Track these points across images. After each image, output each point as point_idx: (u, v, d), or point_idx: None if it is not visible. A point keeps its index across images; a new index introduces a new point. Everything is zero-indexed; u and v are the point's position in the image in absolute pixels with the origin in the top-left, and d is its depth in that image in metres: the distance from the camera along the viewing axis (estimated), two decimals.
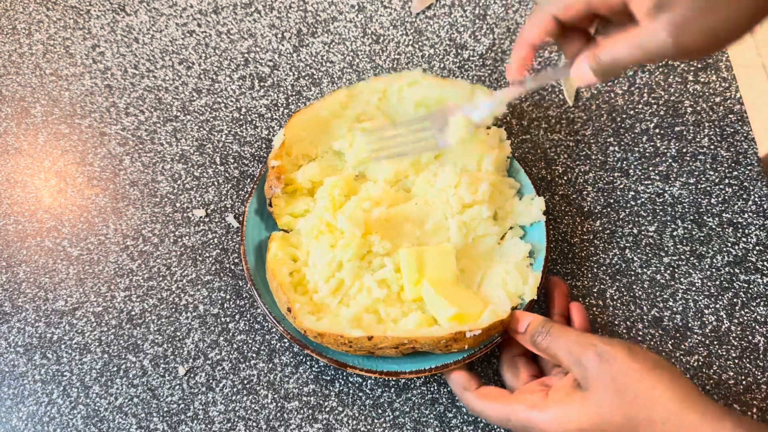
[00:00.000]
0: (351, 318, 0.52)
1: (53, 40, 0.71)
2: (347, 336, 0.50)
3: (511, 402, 0.48)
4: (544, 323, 0.50)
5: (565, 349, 0.47)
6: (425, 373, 0.52)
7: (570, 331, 0.48)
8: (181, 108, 0.68)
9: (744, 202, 0.63)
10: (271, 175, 0.57)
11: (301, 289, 0.55)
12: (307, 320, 0.51)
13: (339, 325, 0.51)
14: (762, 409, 0.56)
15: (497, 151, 0.59)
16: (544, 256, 0.56)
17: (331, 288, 0.54)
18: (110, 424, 0.55)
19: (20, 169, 0.65)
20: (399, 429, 0.55)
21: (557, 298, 0.56)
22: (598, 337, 0.46)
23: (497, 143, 0.60)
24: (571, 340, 0.47)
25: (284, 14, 0.73)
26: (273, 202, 0.57)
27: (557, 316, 0.56)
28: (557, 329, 0.49)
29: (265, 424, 0.55)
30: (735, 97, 0.67)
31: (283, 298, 0.52)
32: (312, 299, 0.54)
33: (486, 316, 0.51)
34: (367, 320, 0.52)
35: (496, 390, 0.50)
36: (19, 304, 0.60)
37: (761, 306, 0.59)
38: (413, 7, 0.73)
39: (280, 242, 0.56)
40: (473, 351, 0.52)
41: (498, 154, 0.59)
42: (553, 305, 0.56)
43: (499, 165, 0.60)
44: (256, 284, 0.55)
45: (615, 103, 0.68)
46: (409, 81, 0.60)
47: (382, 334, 0.50)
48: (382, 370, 0.52)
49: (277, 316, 0.54)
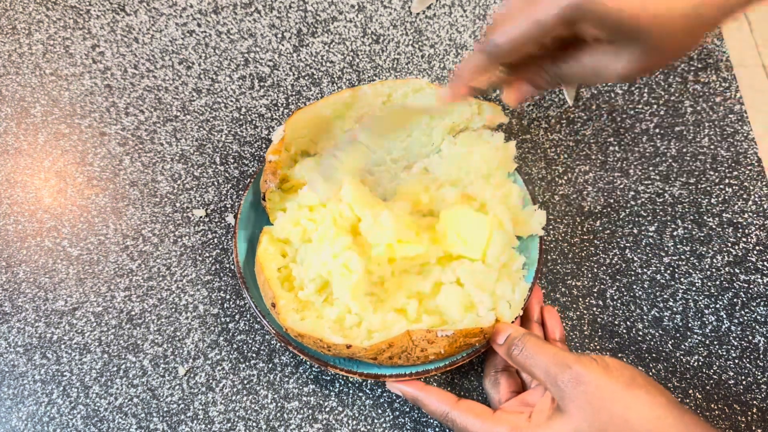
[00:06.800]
0: (334, 318, 0.52)
1: (53, 40, 0.71)
2: (327, 341, 0.49)
3: (495, 423, 0.47)
4: (521, 336, 0.49)
5: (541, 368, 0.46)
6: (406, 377, 0.51)
7: (546, 347, 0.47)
8: (181, 108, 0.68)
9: (744, 202, 0.63)
10: (268, 170, 0.56)
11: (288, 285, 0.54)
12: (290, 318, 0.51)
13: (320, 328, 0.50)
14: (762, 409, 0.56)
15: (502, 152, 0.58)
16: (535, 271, 0.55)
17: (317, 286, 0.53)
18: (110, 424, 0.55)
19: (20, 169, 0.65)
20: (399, 429, 0.55)
21: (532, 305, 0.56)
22: (574, 355, 0.45)
23: (502, 144, 0.59)
24: (548, 359, 0.46)
25: (284, 14, 0.73)
26: (267, 197, 0.56)
27: (533, 323, 0.55)
28: (532, 344, 0.48)
29: (265, 424, 0.55)
30: (735, 97, 0.67)
31: (269, 293, 0.52)
32: (297, 296, 0.53)
33: (466, 321, 0.51)
34: (349, 322, 0.52)
35: (479, 406, 0.49)
36: (19, 304, 0.60)
37: (761, 306, 0.59)
38: (413, 7, 0.73)
39: (271, 237, 0.55)
40: (454, 359, 0.51)
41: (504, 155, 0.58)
42: (530, 312, 0.56)
43: (506, 165, 0.59)
44: (245, 278, 0.55)
45: (615, 103, 0.68)
46: (414, 87, 0.60)
47: (360, 345, 0.49)
48: (362, 372, 0.52)
49: (263, 311, 0.54)
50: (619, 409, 0.42)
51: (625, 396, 0.42)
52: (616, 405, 0.42)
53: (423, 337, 0.49)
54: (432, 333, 0.49)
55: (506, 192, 0.57)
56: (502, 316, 0.52)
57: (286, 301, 0.52)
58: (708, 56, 0.69)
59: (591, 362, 0.44)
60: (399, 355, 0.49)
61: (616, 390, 0.43)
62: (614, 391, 0.43)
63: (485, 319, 0.51)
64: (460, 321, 0.52)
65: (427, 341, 0.49)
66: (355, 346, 0.49)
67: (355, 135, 0.55)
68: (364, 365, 0.52)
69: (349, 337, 0.50)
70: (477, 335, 0.50)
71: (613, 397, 0.42)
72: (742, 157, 0.65)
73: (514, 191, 0.58)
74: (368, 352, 0.49)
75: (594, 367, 0.44)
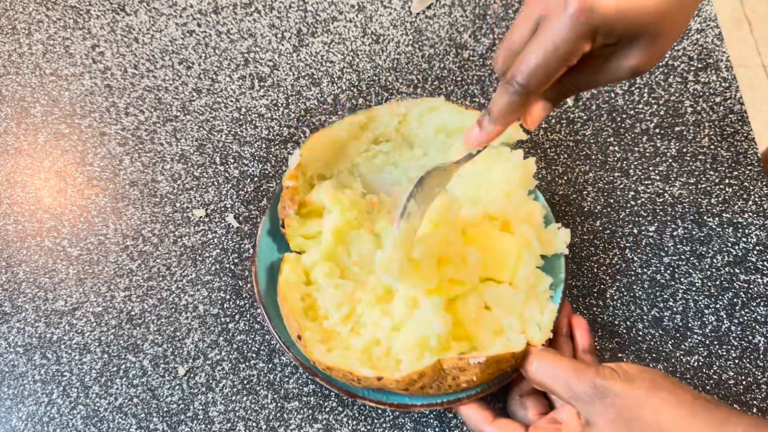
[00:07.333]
0: (361, 348, 0.51)
1: (53, 40, 0.71)
2: (357, 373, 0.48)
3: None
4: (537, 353, 0.48)
5: (562, 385, 0.45)
6: (437, 406, 0.50)
7: (563, 363, 0.47)
8: (181, 108, 0.68)
9: (744, 202, 0.63)
10: (285, 196, 0.55)
11: (312, 314, 0.53)
12: (317, 351, 0.50)
13: (348, 360, 0.49)
14: (762, 410, 0.56)
15: (522, 170, 0.57)
16: (562, 290, 0.54)
17: (342, 315, 0.52)
18: (110, 424, 0.55)
19: (20, 169, 0.65)
20: (399, 429, 0.55)
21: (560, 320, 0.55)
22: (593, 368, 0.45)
23: (521, 161, 0.58)
24: (567, 375, 0.45)
25: (284, 14, 0.73)
26: (286, 223, 0.55)
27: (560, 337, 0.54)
28: (549, 361, 0.47)
29: (265, 424, 0.55)
30: (735, 97, 0.67)
31: (293, 324, 0.51)
32: (322, 325, 0.52)
33: (497, 346, 0.49)
34: (377, 353, 0.51)
35: (512, 424, 0.49)
36: (19, 304, 0.60)
37: (761, 306, 0.59)
38: (413, 7, 0.73)
39: (293, 265, 0.54)
40: (486, 385, 0.50)
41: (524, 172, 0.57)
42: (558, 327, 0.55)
43: (526, 183, 0.58)
44: (267, 307, 0.54)
45: (615, 103, 0.68)
46: (430, 106, 0.59)
47: (392, 377, 0.47)
48: (393, 402, 0.51)
49: (287, 342, 0.53)
50: (649, 415, 0.42)
51: (652, 401, 0.42)
52: (645, 412, 0.42)
53: (455, 365, 0.47)
54: (464, 360, 0.47)
55: (529, 211, 0.56)
56: (533, 339, 0.51)
57: (312, 333, 0.51)
58: (708, 56, 0.69)
59: (611, 373, 0.44)
60: (431, 385, 0.48)
61: (641, 396, 0.42)
62: (639, 398, 0.42)
63: (516, 343, 0.50)
64: (490, 346, 0.51)
65: (459, 369, 0.48)
66: (387, 378, 0.47)
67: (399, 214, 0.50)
68: (394, 395, 0.51)
69: (378, 368, 0.49)
70: (509, 360, 0.49)
71: (640, 405, 0.42)
72: (742, 157, 0.64)
73: (536, 210, 0.56)
74: (400, 383, 0.48)
75: (615, 378, 0.43)
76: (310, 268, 0.55)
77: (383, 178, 0.61)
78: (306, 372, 0.53)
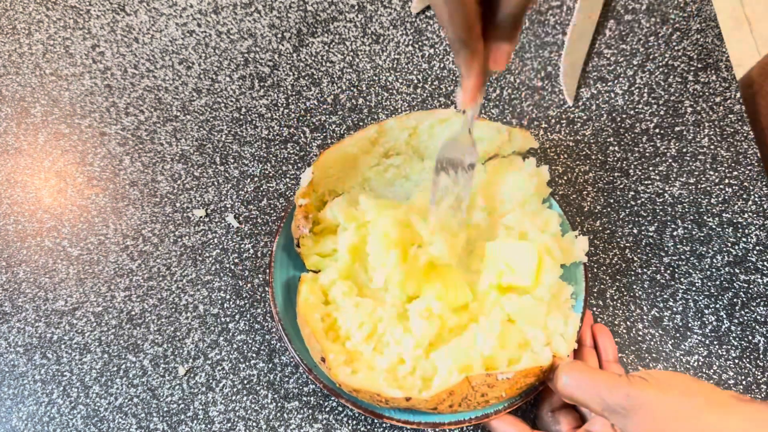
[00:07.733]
0: (386, 368, 0.50)
1: (53, 40, 0.71)
2: (385, 395, 0.47)
3: None
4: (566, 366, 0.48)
5: (594, 398, 0.45)
6: (466, 423, 0.50)
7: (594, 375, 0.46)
8: (181, 108, 0.68)
9: (744, 202, 0.63)
10: (299, 215, 0.55)
11: (332, 334, 0.53)
12: (342, 373, 0.49)
13: (375, 382, 0.48)
14: None
15: (537, 178, 0.57)
16: (584, 300, 0.54)
17: (364, 334, 0.52)
18: (110, 424, 0.55)
19: (20, 169, 0.65)
20: (399, 429, 0.55)
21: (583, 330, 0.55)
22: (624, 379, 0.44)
23: (534, 169, 0.58)
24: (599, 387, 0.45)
25: (284, 14, 0.73)
26: (300, 242, 0.55)
27: (585, 348, 0.54)
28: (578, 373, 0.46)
29: (265, 424, 0.55)
30: (735, 97, 0.67)
31: (316, 346, 0.50)
32: (345, 346, 0.52)
33: (524, 360, 0.49)
34: (402, 371, 0.50)
35: None
36: (19, 304, 0.60)
37: (761, 306, 0.59)
38: (413, 7, 0.73)
39: (311, 285, 0.54)
40: (514, 400, 0.50)
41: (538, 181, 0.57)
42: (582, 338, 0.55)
43: (541, 192, 0.58)
44: (286, 328, 0.53)
45: (615, 103, 0.68)
46: (440, 118, 0.58)
47: (420, 397, 0.47)
48: (420, 421, 0.50)
49: (308, 363, 0.52)
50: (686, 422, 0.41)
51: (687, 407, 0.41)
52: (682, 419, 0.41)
53: (483, 381, 0.47)
54: (492, 377, 0.47)
55: (545, 219, 0.56)
56: (558, 351, 0.51)
57: (336, 355, 0.50)
58: (708, 56, 0.69)
59: (642, 382, 0.43)
60: (459, 403, 0.48)
61: (675, 403, 0.42)
62: (674, 404, 0.42)
63: (542, 356, 0.50)
64: (516, 360, 0.50)
65: (488, 385, 0.47)
66: (415, 398, 0.47)
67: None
68: (421, 414, 0.51)
69: (404, 387, 0.49)
70: (537, 374, 0.49)
71: (676, 412, 0.41)
72: (742, 157, 0.64)
73: (552, 218, 0.56)
74: (429, 403, 0.47)
75: (647, 387, 0.43)
76: (328, 287, 0.54)
77: (395, 191, 0.61)
78: (331, 395, 0.52)
